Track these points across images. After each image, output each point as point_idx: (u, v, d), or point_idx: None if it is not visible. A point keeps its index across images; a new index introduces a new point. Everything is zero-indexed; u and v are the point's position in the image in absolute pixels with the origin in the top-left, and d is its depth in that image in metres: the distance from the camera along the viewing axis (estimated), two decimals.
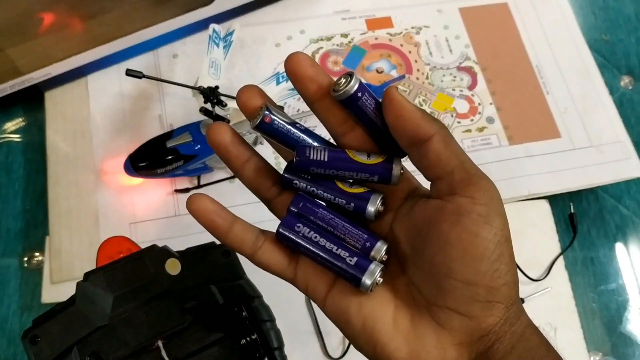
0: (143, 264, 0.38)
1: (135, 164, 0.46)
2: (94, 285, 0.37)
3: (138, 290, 0.37)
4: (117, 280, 0.37)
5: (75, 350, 0.36)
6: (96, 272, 0.38)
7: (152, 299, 0.37)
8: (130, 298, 0.37)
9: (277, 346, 0.39)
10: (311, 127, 0.58)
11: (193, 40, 0.57)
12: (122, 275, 0.37)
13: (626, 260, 0.56)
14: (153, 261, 0.38)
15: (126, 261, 0.38)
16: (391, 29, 0.62)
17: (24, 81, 0.51)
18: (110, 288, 0.37)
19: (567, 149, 0.57)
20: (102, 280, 0.37)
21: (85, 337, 0.36)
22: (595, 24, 0.67)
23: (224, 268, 0.40)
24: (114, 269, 0.38)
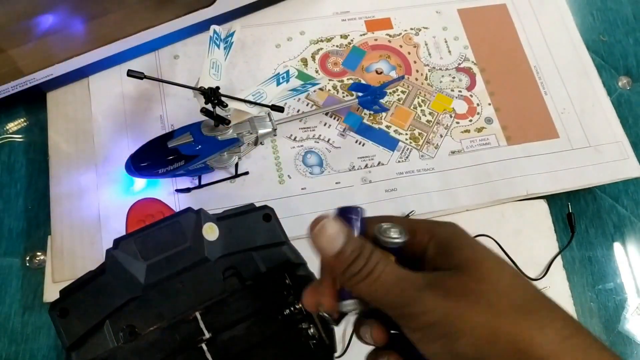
0: (178, 228, 0.34)
1: (137, 164, 0.47)
2: (124, 253, 0.33)
3: (173, 257, 0.34)
4: (150, 247, 0.34)
5: (108, 324, 0.33)
6: (127, 238, 0.34)
7: (188, 267, 0.34)
8: (165, 266, 0.34)
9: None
10: (311, 127, 0.59)
11: (194, 42, 0.58)
12: (155, 241, 0.34)
13: (624, 259, 0.56)
14: (189, 226, 0.34)
15: (160, 226, 0.34)
16: (390, 30, 0.62)
17: (26, 82, 0.51)
18: (142, 256, 0.33)
19: (565, 149, 0.58)
20: (133, 247, 0.34)
21: (117, 309, 0.33)
22: (593, 25, 0.68)
23: (265, 233, 0.37)
24: (147, 234, 0.34)
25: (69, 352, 0.33)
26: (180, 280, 0.34)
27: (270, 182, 0.53)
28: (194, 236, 0.34)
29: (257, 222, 0.37)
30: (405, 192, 0.54)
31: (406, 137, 0.56)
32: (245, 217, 0.37)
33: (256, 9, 0.60)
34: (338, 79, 0.58)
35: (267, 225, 0.37)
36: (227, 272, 0.35)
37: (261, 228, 0.37)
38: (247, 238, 0.36)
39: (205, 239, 0.34)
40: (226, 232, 0.35)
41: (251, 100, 0.44)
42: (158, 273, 0.33)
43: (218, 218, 0.36)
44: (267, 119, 0.50)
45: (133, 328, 0.33)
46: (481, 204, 0.54)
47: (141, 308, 0.33)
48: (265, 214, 0.37)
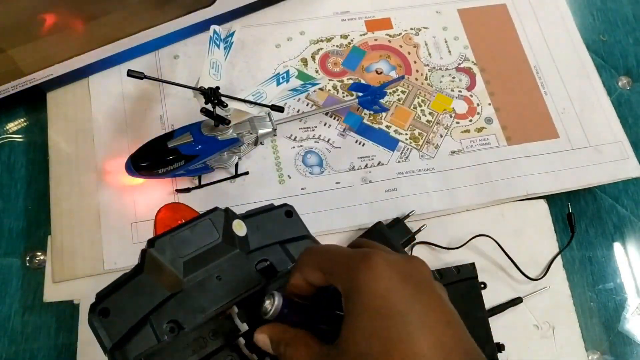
0: (209, 226, 0.35)
1: (137, 163, 0.47)
2: (160, 252, 0.34)
3: (207, 253, 0.35)
4: (184, 244, 0.34)
5: (151, 320, 0.33)
6: (162, 237, 0.35)
7: (223, 262, 0.35)
8: (201, 262, 0.34)
9: None
10: (311, 127, 0.59)
11: (194, 42, 0.58)
12: (189, 239, 0.35)
13: (624, 259, 0.56)
14: (219, 223, 0.35)
15: (191, 224, 0.35)
16: (390, 30, 0.62)
17: (26, 82, 0.51)
18: (178, 253, 0.34)
19: (565, 149, 0.58)
20: (169, 245, 0.34)
21: (159, 306, 0.34)
22: (593, 25, 0.68)
23: (289, 227, 0.39)
24: (180, 233, 0.35)
25: (113, 352, 0.33)
26: (217, 275, 0.35)
27: (270, 182, 0.53)
28: (225, 232, 0.35)
29: (280, 218, 0.39)
30: (405, 192, 0.54)
31: (406, 137, 0.56)
32: (268, 214, 0.39)
33: (256, 9, 0.60)
34: (338, 79, 0.58)
35: (289, 220, 0.39)
36: (259, 264, 0.36)
37: (284, 223, 0.39)
38: (273, 233, 0.38)
39: (236, 234, 0.36)
40: (254, 229, 0.37)
41: (251, 100, 0.44)
42: (194, 269, 0.34)
43: (244, 216, 0.38)
44: (267, 119, 0.50)
45: (178, 322, 0.34)
46: (481, 204, 0.54)
47: (182, 303, 0.34)
48: (287, 211, 0.39)
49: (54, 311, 0.48)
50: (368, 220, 0.51)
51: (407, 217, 0.52)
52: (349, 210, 0.52)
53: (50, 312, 0.48)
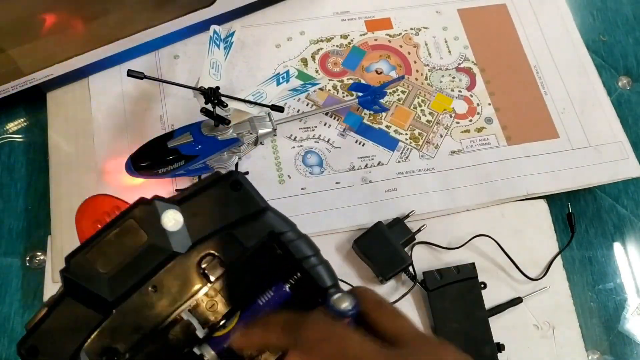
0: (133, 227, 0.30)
1: (137, 163, 0.47)
2: (80, 271, 0.29)
3: (136, 261, 0.30)
4: (106, 256, 0.29)
5: (84, 353, 0.29)
6: (77, 253, 0.30)
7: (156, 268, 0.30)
8: (129, 274, 0.29)
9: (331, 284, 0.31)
10: (311, 127, 0.59)
11: (194, 42, 0.58)
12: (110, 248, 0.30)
13: (624, 259, 0.56)
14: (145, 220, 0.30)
15: (111, 230, 0.30)
16: (390, 30, 0.62)
17: (26, 82, 0.51)
18: (102, 268, 0.29)
19: (565, 149, 0.58)
20: (88, 261, 0.29)
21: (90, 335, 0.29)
22: (593, 25, 0.68)
23: (238, 204, 0.32)
24: (99, 243, 0.30)
25: None
26: (152, 285, 0.30)
27: (270, 182, 0.53)
28: (154, 230, 0.30)
29: (226, 194, 0.32)
30: (405, 192, 0.54)
31: (406, 137, 0.56)
32: (210, 191, 0.32)
33: (256, 9, 0.60)
34: (338, 79, 0.58)
35: (238, 194, 0.32)
36: (203, 261, 0.30)
37: (232, 199, 0.32)
38: (218, 216, 0.31)
39: (167, 231, 0.30)
40: (192, 215, 0.31)
41: (251, 100, 0.44)
42: (123, 283, 0.29)
43: (179, 201, 0.32)
44: (267, 119, 0.50)
45: (113, 351, 0.29)
46: (481, 204, 0.54)
47: (116, 326, 0.29)
48: (232, 182, 0.32)
49: None
50: (368, 220, 0.52)
51: (407, 217, 0.52)
52: (349, 210, 0.52)
53: None
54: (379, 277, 0.50)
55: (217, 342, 0.30)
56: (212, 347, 0.30)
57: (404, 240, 0.51)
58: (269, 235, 0.32)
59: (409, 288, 0.50)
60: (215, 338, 0.30)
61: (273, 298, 0.31)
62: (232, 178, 0.33)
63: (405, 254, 0.50)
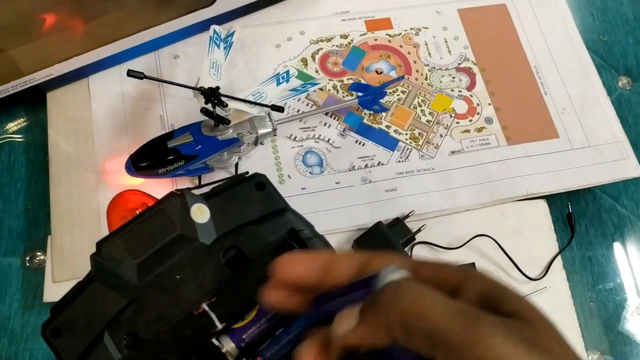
0: (164, 217, 0.31)
1: (137, 164, 0.47)
2: (110, 255, 0.31)
3: (164, 249, 0.31)
4: (136, 243, 0.31)
5: (107, 335, 0.30)
6: (109, 239, 0.31)
7: (183, 257, 0.31)
8: (157, 261, 0.31)
9: None
10: (311, 127, 0.59)
11: (194, 41, 0.58)
12: (141, 236, 0.31)
13: (624, 259, 0.56)
14: (175, 211, 0.31)
15: (142, 218, 0.31)
16: (390, 30, 0.62)
17: (25, 82, 0.51)
18: (130, 254, 0.30)
19: (565, 149, 0.58)
20: (118, 247, 0.31)
21: (115, 318, 0.30)
22: (593, 25, 0.68)
23: (262, 203, 0.34)
24: (130, 230, 0.31)
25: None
26: (178, 273, 0.31)
27: None
28: (183, 221, 0.31)
29: (250, 193, 0.34)
30: (405, 192, 0.54)
31: (406, 137, 0.56)
32: (235, 190, 0.34)
33: (256, 9, 0.60)
34: (338, 79, 0.58)
35: (261, 194, 0.34)
36: (227, 253, 0.32)
37: (256, 198, 0.34)
38: (242, 212, 0.33)
39: (196, 222, 0.31)
40: (218, 210, 0.32)
41: (251, 100, 0.44)
42: (151, 269, 0.31)
43: (206, 197, 0.33)
44: (267, 119, 0.50)
45: (136, 334, 0.30)
46: (481, 204, 0.54)
47: (141, 311, 0.31)
48: (257, 182, 0.34)
49: None
50: (368, 220, 0.52)
51: (407, 217, 0.52)
52: (349, 210, 0.52)
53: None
54: None
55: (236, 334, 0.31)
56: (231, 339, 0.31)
57: (404, 240, 0.51)
58: (289, 232, 0.34)
59: None
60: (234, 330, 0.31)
61: None
62: (256, 179, 0.35)
63: (405, 254, 0.50)
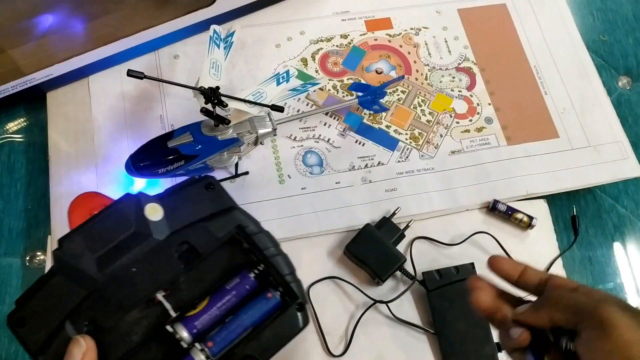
0: (120, 215, 0.34)
1: (137, 163, 0.47)
2: (71, 251, 0.33)
3: (121, 244, 0.33)
4: (95, 239, 0.33)
5: (69, 324, 0.33)
6: (70, 235, 0.33)
7: (138, 251, 0.33)
8: (114, 255, 0.33)
9: (288, 272, 0.36)
10: (311, 127, 0.58)
11: (194, 41, 0.58)
12: (99, 232, 0.33)
13: (624, 259, 0.56)
14: (131, 210, 0.34)
15: (101, 217, 0.34)
16: (390, 30, 0.62)
17: (26, 82, 0.51)
18: (90, 249, 0.33)
19: (566, 149, 0.58)
20: (78, 243, 0.33)
21: (75, 308, 0.33)
22: (593, 25, 0.68)
23: (211, 202, 0.37)
24: (89, 228, 0.33)
25: (36, 357, 0.33)
26: (134, 266, 0.33)
27: (270, 182, 0.53)
28: (138, 219, 0.34)
29: (200, 193, 0.37)
30: (405, 192, 0.54)
31: (406, 137, 0.56)
32: (187, 190, 0.37)
33: (256, 9, 0.60)
34: (338, 79, 0.58)
35: (211, 194, 0.37)
36: (180, 248, 0.34)
37: (206, 198, 0.37)
38: (193, 211, 0.36)
39: (150, 220, 0.34)
40: (171, 209, 0.35)
41: (251, 100, 0.44)
42: (109, 263, 0.33)
43: (160, 197, 0.36)
44: (267, 119, 0.50)
45: (96, 322, 0.33)
46: (481, 203, 0.54)
47: (100, 302, 0.33)
48: (207, 183, 0.37)
49: None
50: (368, 220, 0.51)
51: (394, 214, 0.52)
52: (349, 210, 0.52)
53: None
54: (375, 280, 0.50)
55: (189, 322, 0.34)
56: (184, 326, 0.34)
57: (394, 239, 0.51)
58: (237, 228, 0.36)
59: (408, 286, 0.50)
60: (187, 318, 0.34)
61: (239, 284, 0.36)
62: (206, 180, 0.38)
63: (398, 252, 0.50)
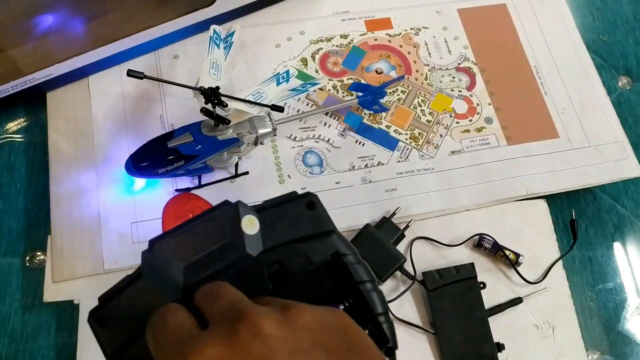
0: (215, 224, 0.32)
1: (137, 163, 0.47)
2: (161, 254, 0.31)
3: (212, 255, 0.31)
4: (187, 245, 0.31)
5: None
6: (162, 238, 0.32)
7: (229, 265, 0.31)
8: (204, 266, 0.31)
9: (382, 311, 0.33)
10: (311, 127, 0.59)
11: (194, 41, 0.58)
12: (192, 239, 0.31)
13: (624, 259, 0.56)
14: (227, 220, 0.32)
15: (195, 223, 0.32)
16: (390, 30, 0.62)
17: (25, 81, 0.51)
18: (179, 256, 0.31)
19: (565, 149, 0.58)
20: (169, 247, 0.31)
21: None
22: (593, 25, 0.68)
23: (310, 222, 0.34)
24: (182, 232, 0.32)
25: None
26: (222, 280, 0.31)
27: (270, 182, 0.53)
28: (233, 231, 0.32)
29: (300, 211, 0.34)
30: (405, 192, 0.54)
31: (406, 137, 0.56)
32: (286, 206, 0.35)
33: (256, 9, 0.60)
34: (338, 79, 0.58)
35: (311, 213, 0.35)
36: (271, 267, 0.33)
37: (305, 217, 0.34)
38: (290, 229, 0.34)
39: (245, 233, 0.32)
40: (267, 224, 0.33)
41: (251, 100, 0.44)
42: (197, 273, 0.31)
43: (257, 210, 0.34)
44: (267, 119, 0.50)
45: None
46: (481, 203, 0.54)
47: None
48: (308, 202, 0.35)
49: (54, 311, 0.48)
50: (368, 220, 0.51)
51: (394, 214, 0.52)
52: (349, 210, 0.52)
53: (50, 312, 0.48)
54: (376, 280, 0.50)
55: None
56: None
57: (394, 239, 0.51)
58: (333, 255, 0.34)
59: (408, 286, 0.50)
60: None
61: None
62: (308, 198, 0.35)
63: (397, 253, 0.50)
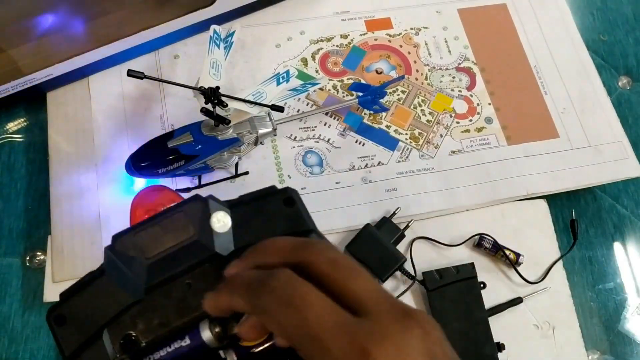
0: (183, 220, 0.30)
1: (137, 163, 0.47)
2: (124, 252, 0.29)
3: (178, 253, 0.29)
4: (151, 243, 0.29)
5: (107, 333, 0.29)
6: (125, 234, 0.30)
7: (195, 265, 0.29)
8: (168, 264, 0.29)
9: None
10: (311, 127, 0.59)
11: (194, 41, 0.58)
12: (157, 236, 0.29)
13: (624, 259, 0.56)
14: (195, 217, 0.30)
15: (162, 218, 0.30)
16: (390, 30, 0.62)
17: (26, 81, 0.51)
18: (143, 253, 0.29)
19: (566, 149, 0.58)
20: (133, 243, 0.29)
21: (117, 316, 0.29)
22: (593, 25, 0.68)
23: (287, 220, 0.32)
24: (147, 228, 0.30)
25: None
26: (187, 281, 0.30)
27: (270, 181, 0.53)
28: (201, 228, 0.29)
29: (277, 208, 0.32)
30: (405, 192, 0.54)
31: (406, 137, 0.56)
32: (263, 202, 0.32)
33: (256, 9, 0.60)
34: (338, 79, 0.58)
35: (289, 210, 0.32)
36: None
37: (282, 214, 0.32)
38: (265, 227, 0.31)
39: (215, 231, 0.30)
40: (241, 221, 0.31)
41: (251, 100, 0.44)
42: (161, 273, 0.29)
43: (231, 205, 0.32)
44: (267, 119, 0.50)
45: (132, 338, 0.29)
46: (481, 203, 0.54)
47: (144, 313, 0.29)
48: (287, 198, 0.32)
49: None
50: (369, 220, 0.51)
51: (394, 214, 0.52)
52: (349, 210, 0.52)
53: None
54: (375, 280, 0.50)
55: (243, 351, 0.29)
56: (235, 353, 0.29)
57: (394, 239, 0.51)
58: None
59: (408, 286, 0.50)
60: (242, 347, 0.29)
61: None
62: (287, 194, 0.33)
63: (398, 253, 0.50)
